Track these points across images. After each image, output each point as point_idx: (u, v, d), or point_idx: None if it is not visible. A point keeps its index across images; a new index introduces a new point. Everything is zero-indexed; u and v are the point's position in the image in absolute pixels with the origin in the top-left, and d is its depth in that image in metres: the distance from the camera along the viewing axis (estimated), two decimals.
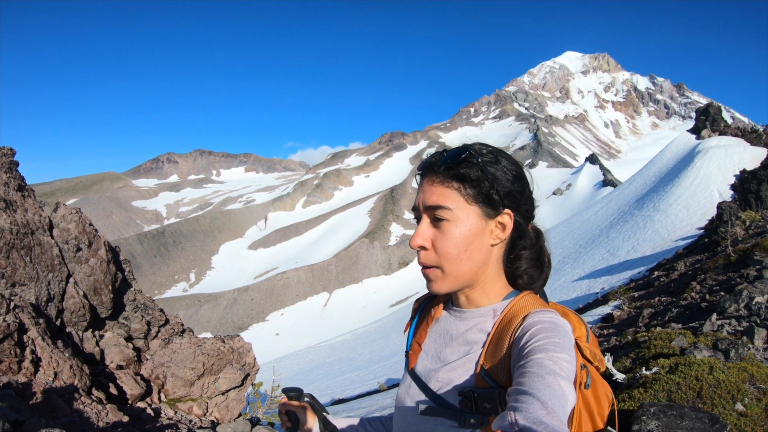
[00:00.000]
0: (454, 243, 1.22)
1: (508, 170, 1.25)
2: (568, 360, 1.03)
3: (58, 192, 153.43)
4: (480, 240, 1.23)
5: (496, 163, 1.25)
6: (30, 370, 4.45)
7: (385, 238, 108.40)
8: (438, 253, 1.23)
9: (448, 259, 1.23)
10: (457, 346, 1.27)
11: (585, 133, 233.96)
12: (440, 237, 1.23)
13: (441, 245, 1.23)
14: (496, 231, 1.25)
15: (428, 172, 1.29)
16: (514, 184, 1.25)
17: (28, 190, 6.10)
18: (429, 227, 1.26)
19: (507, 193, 1.23)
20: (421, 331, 1.42)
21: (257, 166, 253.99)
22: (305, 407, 1.58)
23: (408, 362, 1.42)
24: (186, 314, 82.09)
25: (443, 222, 1.23)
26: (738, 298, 7.08)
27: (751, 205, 18.67)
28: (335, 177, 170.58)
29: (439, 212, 1.23)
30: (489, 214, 1.23)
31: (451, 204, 1.22)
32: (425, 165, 1.31)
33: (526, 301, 1.25)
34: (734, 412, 3.51)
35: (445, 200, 1.22)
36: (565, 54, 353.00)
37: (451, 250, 1.22)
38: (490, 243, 1.25)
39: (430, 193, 1.25)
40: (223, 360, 7.48)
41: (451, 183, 1.23)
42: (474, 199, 1.22)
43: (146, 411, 6.14)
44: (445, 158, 1.26)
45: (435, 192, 1.24)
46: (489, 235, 1.24)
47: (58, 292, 5.78)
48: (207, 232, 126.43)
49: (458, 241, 1.22)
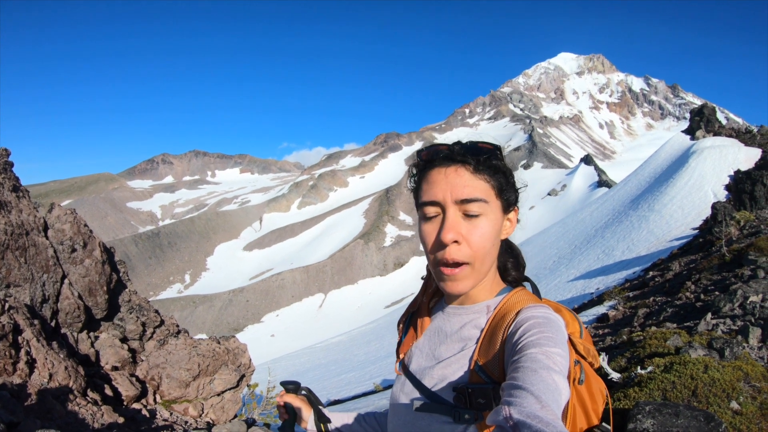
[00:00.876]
0: (487, 237, 1.20)
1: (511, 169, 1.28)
2: (561, 354, 1.04)
3: (53, 193, 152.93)
4: (498, 235, 1.24)
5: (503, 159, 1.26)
6: (25, 371, 4.43)
7: (380, 239, 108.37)
8: (472, 248, 1.19)
9: (481, 254, 1.20)
10: (452, 343, 1.27)
11: (580, 134, 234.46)
12: (473, 231, 1.19)
13: (476, 240, 1.19)
14: (506, 226, 1.27)
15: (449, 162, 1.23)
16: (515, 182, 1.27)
17: (22, 190, 6.08)
18: (461, 220, 1.20)
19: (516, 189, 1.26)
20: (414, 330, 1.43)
21: (252, 167, 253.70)
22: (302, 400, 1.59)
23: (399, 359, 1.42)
24: (181, 315, 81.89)
25: (478, 215, 1.19)
26: (733, 298, 7.12)
27: (745, 205, 18.76)
28: (330, 178, 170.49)
29: (473, 205, 1.18)
30: (505, 209, 1.25)
31: (487, 197, 1.19)
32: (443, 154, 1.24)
33: (519, 296, 1.25)
34: (729, 411, 3.53)
35: (482, 193, 1.19)
36: (559, 55, 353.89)
37: (486, 244, 1.20)
38: (500, 237, 1.26)
39: (461, 185, 1.19)
40: (219, 361, 7.46)
41: (483, 175, 1.20)
42: (499, 193, 1.22)
43: (141, 412, 6.12)
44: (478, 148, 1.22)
45: (468, 184, 1.19)
46: (502, 229, 1.25)
47: (53, 293, 5.76)
48: (202, 233, 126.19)
49: (490, 235, 1.20)
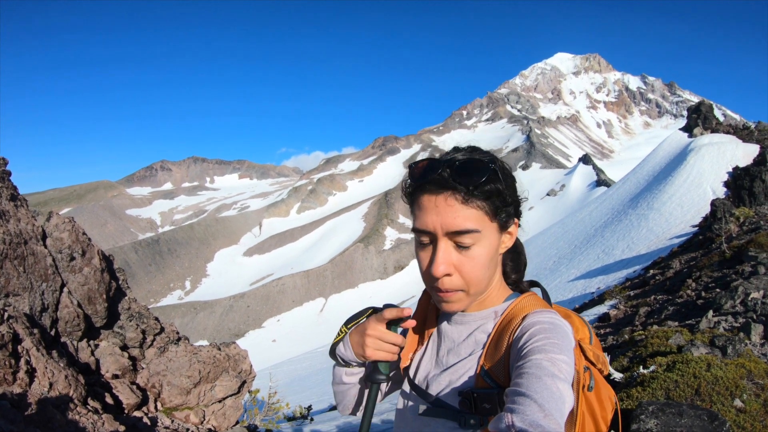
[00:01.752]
0: (481, 266, 1.16)
1: (512, 178, 1.22)
2: (567, 362, 1.02)
3: (52, 201, 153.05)
4: (496, 253, 1.21)
5: (504, 170, 1.20)
6: (25, 380, 4.41)
7: (380, 242, 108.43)
8: (465, 278, 1.16)
9: (475, 282, 1.17)
10: (459, 349, 1.26)
11: (577, 134, 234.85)
12: (466, 262, 1.15)
13: (469, 270, 1.16)
14: (505, 240, 1.23)
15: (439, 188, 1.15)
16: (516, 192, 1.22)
17: (20, 199, 6.07)
18: (452, 252, 1.15)
19: (517, 204, 1.21)
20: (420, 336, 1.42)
21: (251, 173, 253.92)
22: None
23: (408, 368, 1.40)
24: (182, 322, 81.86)
25: (470, 246, 1.14)
26: (734, 295, 7.11)
27: (744, 202, 18.75)
28: (329, 182, 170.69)
29: (464, 237, 1.13)
30: (503, 226, 1.20)
31: (479, 226, 1.13)
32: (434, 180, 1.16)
33: (527, 301, 1.24)
34: (733, 409, 3.51)
35: (470, 223, 1.13)
36: (556, 55, 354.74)
37: (479, 273, 1.17)
38: (499, 252, 1.23)
39: (452, 216, 1.13)
40: (220, 367, 7.44)
41: (475, 202, 1.13)
42: (495, 215, 1.15)
43: (143, 420, 6.10)
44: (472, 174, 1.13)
45: (459, 215, 1.13)
46: (500, 246, 1.22)
47: (52, 301, 5.74)
48: (202, 240, 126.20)
49: (484, 262, 1.16)
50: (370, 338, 1.28)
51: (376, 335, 1.28)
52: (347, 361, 1.37)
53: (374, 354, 1.28)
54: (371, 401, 1.31)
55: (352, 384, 1.42)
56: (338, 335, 1.41)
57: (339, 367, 1.42)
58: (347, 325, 1.40)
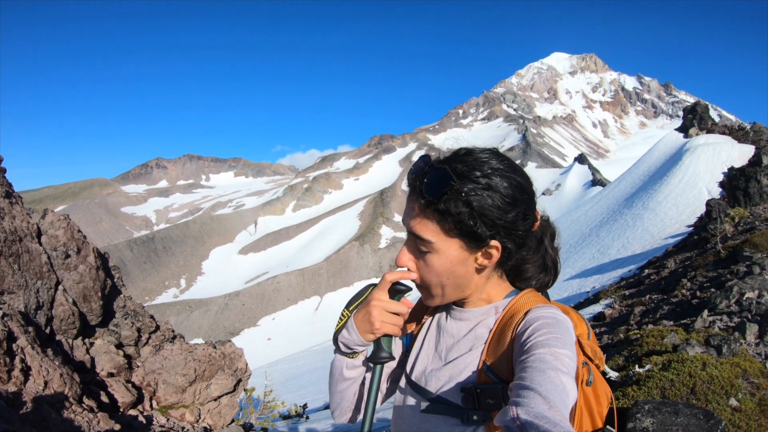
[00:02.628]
0: (435, 273, 1.20)
1: (500, 197, 1.15)
2: (569, 356, 1.03)
3: (47, 199, 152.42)
4: (463, 268, 1.20)
5: (487, 189, 1.14)
6: (20, 379, 4.40)
7: (376, 240, 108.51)
8: (421, 278, 1.23)
9: (431, 285, 1.23)
10: (460, 345, 1.26)
11: (573, 134, 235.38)
12: (421, 264, 1.21)
13: (423, 274, 1.22)
14: (481, 260, 1.20)
15: (411, 190, 1.22)
16: (505, 212, 1.15)
17: (15, 197, 6.04)
18: (413, 249, 1.23)
19: (493, 224, 1.15)
20: (418, 330, 1.42)
21: (246, 171, 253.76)
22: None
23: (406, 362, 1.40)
24: (177, 320, 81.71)
25: (425, 252, 1.19)
26: (729, 294, 7.13)
27: (739, 202, 18.83)
28: (325, 180, 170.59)
29: (420, 243, 1.19)
30: (472, 246, 1.17)
31: (430, 237, 1.16)
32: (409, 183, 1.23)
33: (528, 298, 1.24)
34: (728, 408, 3.53)
35: (425, 232, 1.17)
36: (552, 55, 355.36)
37: (432, 279, 1.21)
38: (474, 269, 1.21)
39: (412, 219, 1.19)
40: (215, 366, 7.43)
41: (432, 215, 1.15)
42: (455, 233, 1.15)
43: (138, 419, 6.08)
44: (427, 188, 1.14)
45: (416, 222, 1.18)
46: (473, 263, 1.20)
47: (47, 299, 5.72)
48: (197, 238, 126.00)
49: (438, 271, 1.19)
50: (375, 309, 1.25)
51: (381, 305, 1.25)
52: (352, 348, 1.31)
53: (382, 326, 1.24)
54: (375, 384, 1.27)
55: (353, 380, 1.37)
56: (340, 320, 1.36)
57: (340, 359, 1.36)
58: (349, 307, 1.35)
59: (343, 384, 1.38)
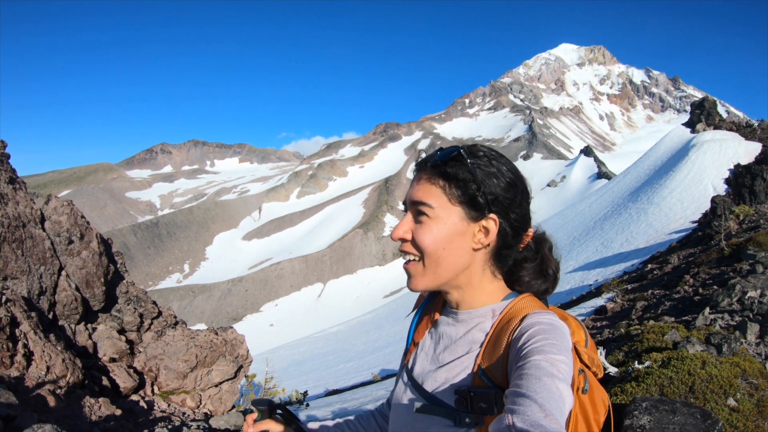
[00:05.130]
0: (433, 238, 1.22)
1: (501, 175, 1.24)
2: (565, 362, 1.03)
3: (52, 184, 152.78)
4: (461, 241, 1.23)
5: (489, 166, 1.23)
6: (22, 364, 4.43)
7: (380, 228, 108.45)
8: (417, 245, 1.24)
9: (427, 253, 1.23)
10: (456, 347, 1.26)
11: (580, 126, 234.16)
12: (418, 229, 1.24)
13: (419, 238, 1.23)
14: (478, 235, 1.23)
15: (420, 168, 1.30)
16: (505, 190, 1.23)
17: (19, 182, 6.06)
18: (411, 221, 1.27)
19: (495, 198, 1.22)
20: (420, 330, 1.43)
21: (251, 157, 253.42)
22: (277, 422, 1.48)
23: (405, 361, 1.42)
24: (180, 305, 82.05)
25: (424, 217, 1.23)
26: (731, 293, 7.12)
27: (745, 200, 18.76)
28: (329, 167, 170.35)
29: (421, 207, 1.23)
30: (473, 216, 1.22)
31: (433, 202, 1.22)
32: (418, 162, 1.32)
33: (525, 302, 1.24)
34: (726, 408, 3.53)
35: (428, 197, 1.23)
36: (560, 46, 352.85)
37: (429, 243, 1.22)
38: (471, 246, 1.24)
39: (416, 189, 1.26)
40: (216, 352, 7.47)
41: (437, 181, 1.24)
42: (458, 200, 1.22)
43: (139, 404, 6.13)
44: (438, 155, 1.26)
45: (420, 189, 1.25)
46: (471, 238, 1.23)
47: (50, 285, 5.75)
48: (201, 223, 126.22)
49: (436, 236, 1.22)
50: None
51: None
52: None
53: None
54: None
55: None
56: None
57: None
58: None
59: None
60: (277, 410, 1.49)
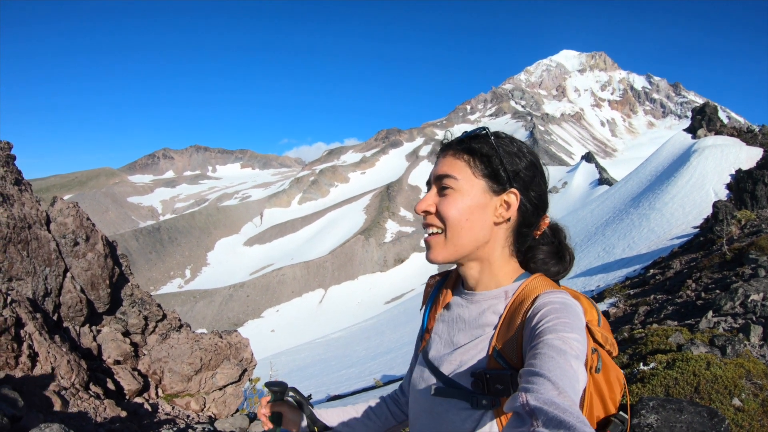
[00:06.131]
0: (457, 209, 1.26)
1: (522, 155, 1.29)
2: (579, 340, 1.04)
3: (54, 188, 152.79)
4: (482, 214, 1.26)
5: (511, 146, 1.30)
6: (27, 365, 4.44)
7: (381, 234, 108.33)
8: (441, 216, 1.28)
9: (450, 223, 1.26)
10: (470, 329, 1.28)
11: (581, 132, 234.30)
12: (442, 201, 1.28)
13: (443, 209, 1.27)
14: (500, 209, 1.27)
15: (445, 148, 1.36)
16: (526, 168, 1.28)
17: (24, 184, 6.08)
18: (435, 195, 1.32)
19: (516, 173, 1.27)
20: (432, 315, 1.44)
21: (253, 163, 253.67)
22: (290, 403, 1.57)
23: (419, 347, 1.44)
24: (181, 310, 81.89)
25: (448, 190, 1.28)
26: (734, 296, 7.12)
27: (746, 205, 18.76)
28: (331, 173, 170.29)
29: (445, 181, 1.28)
30: (495, 190, 1.27)
31: (457, 174, 1.28)
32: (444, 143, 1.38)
33: (537, 282, 1.26)
34: (732, 407, 3.54)
35: (454, 170, 1.28)
36: (562, 52, 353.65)
37: (452, 213, 1.26)
38: (493, 220, 1.27)
39: (442, 163, 1.32)
40: (221, 355, 7.47)
41: (462, 155, 1.29)
42: (481, 174, 1.27)
43: (144, 406, 6.13)
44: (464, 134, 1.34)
45: (446, 163, 1.31)
46: (493, 212, 1.27)
47: (55, 286, 5.76)
48: (202, 229, 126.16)
49: (460, 207, 1.26)
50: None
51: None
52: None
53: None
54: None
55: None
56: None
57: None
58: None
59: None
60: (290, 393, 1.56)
